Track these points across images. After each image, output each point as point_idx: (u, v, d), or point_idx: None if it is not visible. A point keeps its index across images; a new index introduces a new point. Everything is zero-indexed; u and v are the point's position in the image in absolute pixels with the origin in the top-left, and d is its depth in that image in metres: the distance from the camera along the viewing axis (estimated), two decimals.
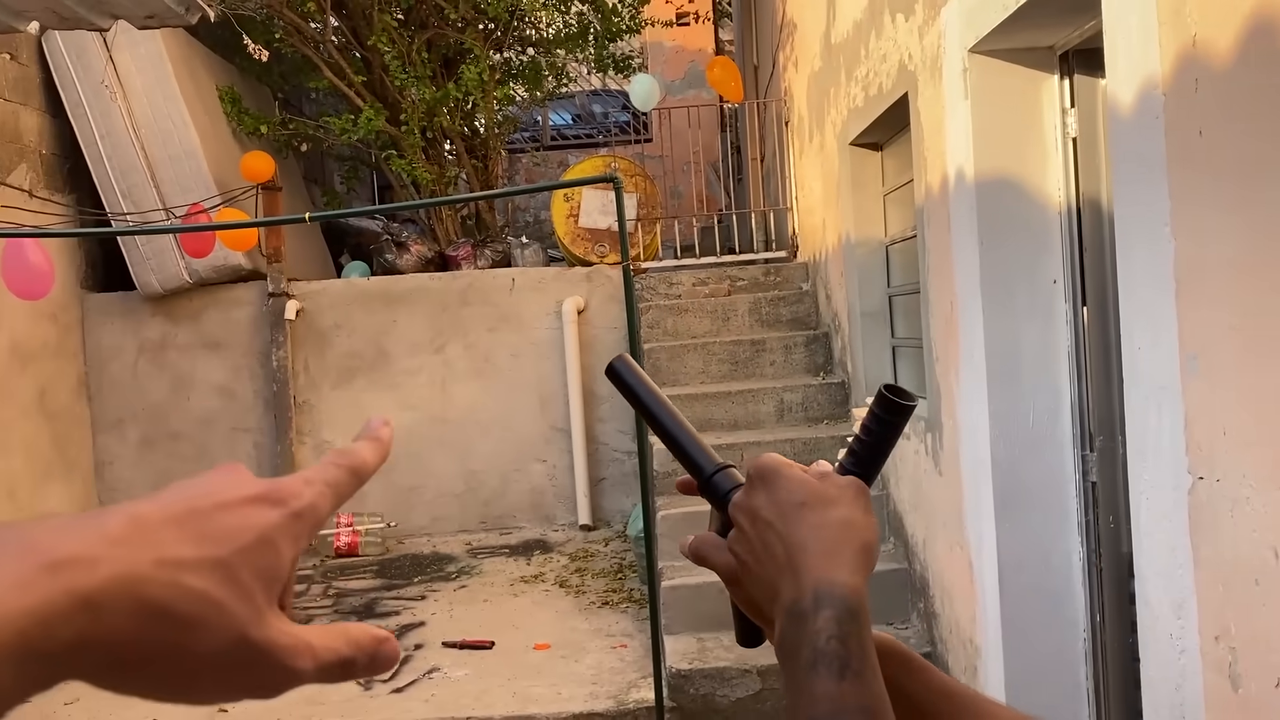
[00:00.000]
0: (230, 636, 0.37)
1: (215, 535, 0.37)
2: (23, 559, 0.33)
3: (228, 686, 0.38)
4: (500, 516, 7.26)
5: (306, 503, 0.41)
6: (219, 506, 0.38)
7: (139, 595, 0.34)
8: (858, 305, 5.32)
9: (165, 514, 0.37)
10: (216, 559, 0.37)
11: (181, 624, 0.35)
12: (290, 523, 0.40)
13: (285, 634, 0.39)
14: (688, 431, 0.72)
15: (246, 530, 0.38)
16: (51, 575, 0.33)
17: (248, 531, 0.38)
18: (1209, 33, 1.78)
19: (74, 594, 0.33)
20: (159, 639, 0.35)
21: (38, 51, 6.69)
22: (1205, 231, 1.86)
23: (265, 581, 0.39)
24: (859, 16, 4.71)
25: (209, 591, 0.36)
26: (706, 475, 0.71)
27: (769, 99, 8.16)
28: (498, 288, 7.24)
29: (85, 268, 7.17)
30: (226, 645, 0.37)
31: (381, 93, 7.90)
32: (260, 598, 0.38)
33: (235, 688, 0.39)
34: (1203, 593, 1.97)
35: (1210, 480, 1.90)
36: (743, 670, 4.32)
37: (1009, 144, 3.21)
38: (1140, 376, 2.15)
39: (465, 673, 4.73)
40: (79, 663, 0.34)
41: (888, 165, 5.14)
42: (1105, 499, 3.09)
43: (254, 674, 0.38)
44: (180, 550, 0.36)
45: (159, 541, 0.36)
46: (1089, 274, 3.08)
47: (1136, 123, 2.08)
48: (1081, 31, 2.92)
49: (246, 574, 0.38)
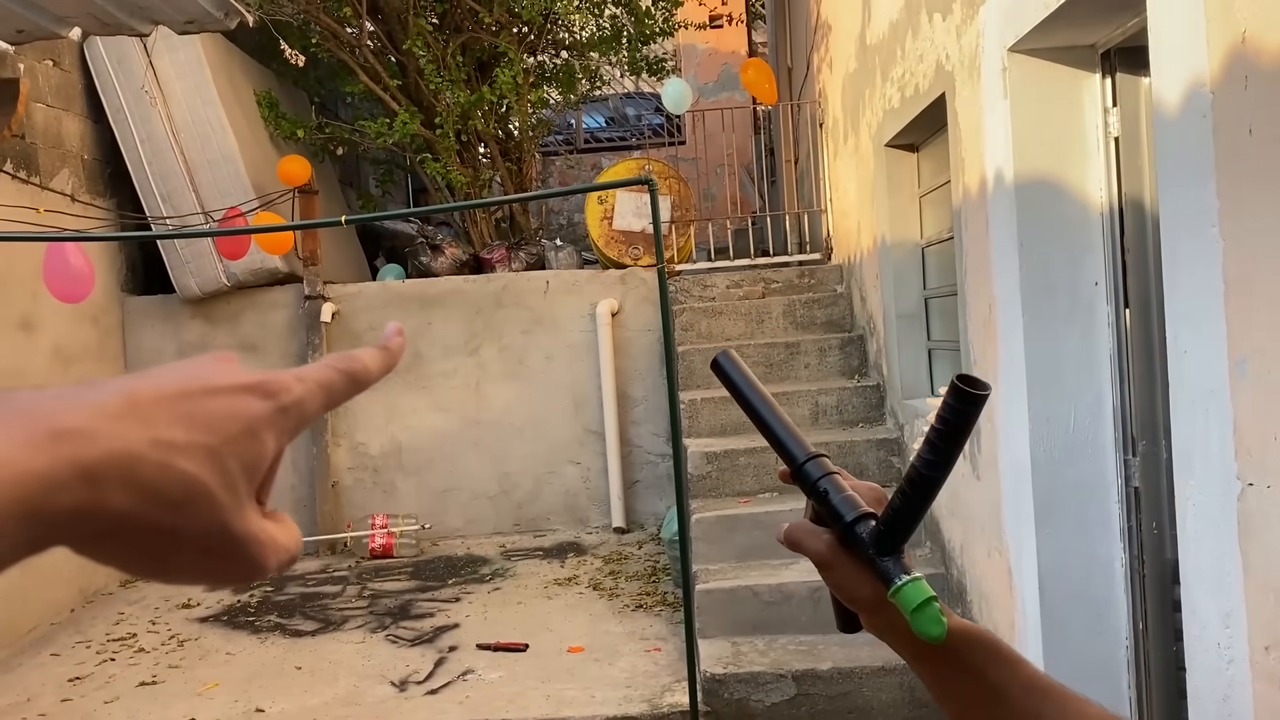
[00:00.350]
0: (212, 523, 0.37)
1: (205, 421, 0.37)
2: (29, 424, 0.34)
3: (200, 570, 0.39)
4: (534, 519, 7.27)
5: (294, 398, 0.41)
6: (209, 392, 0.38)
7: (134, 472, 0.35)
8: (893, 308, 5.27)
9: (158, 394, 0.37)
10: (206, 445, 0.37)
11: (170, 505, 0.36)
12: (277, 416, 0.40)
13: (260, 528, 0.39)
14: (783, 422, 0.76)
15: (235, 419, 0.38)
16: (55, 443, 0.33)
17: (236, 421, 0.38)
18: (1260, 29, 1.74)
19: (75, 464, 0.34)
20: (147, 516, 0.36)
21: (79, 58, 6.79)
22: (1255, 232, 1.81)
23: (249, 472, 0.39)
24: (895, 17, 4.67)
25: (199, 476, 0.36)
26: (799, 463, 0.74)
27: (803, 101, 8.12)
28: (532, 290, 7.26)
29: (125, 271, 7.26)
30: (208, 531, 0.37)
31: (416, 96, 7.95)
32: (243, 488, 0.38)
33: (207, 573, 0.39)
34: (1252, 601, 1.92)
35: (1260, 486, 1.85)
36: (778, 675, 4.29)
37: (1049, 144, 3.17)
38: (1187, 380, 2.11)
39: (499, 675, 4.73)
40: (72, 530, 0.35)
41: (924, 167, 5.09)
42: (1149, 505, 3.04)
43: (226, 562, 0.39)
44: (173, 432, 0.36)
45: (153, 420, 0.36)
46: (1131, 276, 3.03)
47: (1183, 121, 2.04)
48: (1124, 29, 2.87)
49: (233, 463, 0.38)
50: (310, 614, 5.81)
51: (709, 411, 5.89)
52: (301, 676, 4.88)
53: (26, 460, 0.33)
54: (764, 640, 4.59)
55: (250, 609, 5.98)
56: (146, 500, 0.35)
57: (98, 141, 6.96)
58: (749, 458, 5.44)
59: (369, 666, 4.94)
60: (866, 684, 4.27)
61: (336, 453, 7.21)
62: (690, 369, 6.24)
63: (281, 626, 5.63)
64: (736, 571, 4.89)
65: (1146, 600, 3.06)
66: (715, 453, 5.46)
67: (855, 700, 4.27)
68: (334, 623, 5.62)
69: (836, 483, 0.72)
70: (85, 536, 0.35)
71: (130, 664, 5.19)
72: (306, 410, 0.42)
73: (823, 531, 0.72)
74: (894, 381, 5.41)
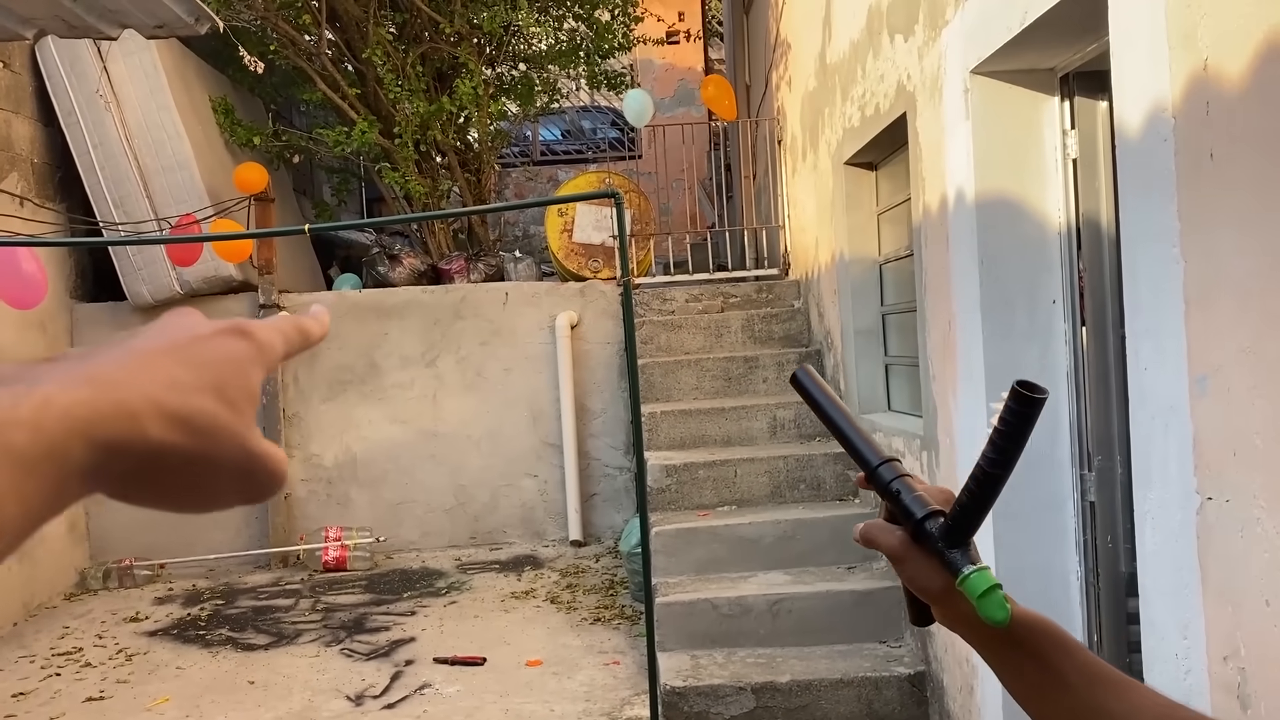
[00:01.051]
0: (234, 444, 0.42)
1: (203, 363, 0.42)
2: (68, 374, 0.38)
3: (237, 490, 0.43)
4: (490, 532, 7.23)
5: (265, 338, 0.46)
6: (195, 340, 0.43)
7: (162, 408, 0.39)
8: (851, 323, 5.33)
9: (157, 349, 0.42)
10: (210, 381, 0.42)
11: (198, 432, 0.40)
12: (256, 352, 0.45)
13: (269, 446, 0.44)
14: (858, 430, 0.82)
15: (226, 358, 0.43)
16: (94, 386, 0.38)
17: (227, 359, 0.43)
18: (1222, 56, 1.80)
19: (115, 401, 0.38)
20: (185, 446, 0.40)
21: (30, 60, 6.67)
22: (1215, 253, 1.87)
23: (247, 400, 0.43)
24: (856, 37, 4.74)
25: (213, 408, 0.41)
26: (873, 467, 0.79)
27: (761, 118, 8.20)
28: (491, 302, 7.24)
29: (75, 277, 7.13)
30: (233, 452, 0.42)
31: (375, 105, 7.91)
32: (247, 414, 0.43)
33: (242, 491, 0.44)
34: (1210, 613, 1.98)
35: (1220, 500, 1.91)
36: (737, 688, 4.31)
37: (1009, 165, 3.24)
38: (1147, 396, 2.16)
39: (457, 689, 4.70)
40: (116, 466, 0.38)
41: (882, 185, 5.17)
42: (1104, 519, 3.11)
43: (254, 479, 0.43)
44: (182, 375, 0.41)
45: (162, 368, 0.41)
46: (1088, 295, 3.11)
47: (1144, 145, 2.10)
48: (1083, 54, 2.95)
49: (234, 393, 0.43)
50: (263, 628, 5.72)
51: (668, 425, 5.91)
52: (255, 691, 4.80)
53: (77, 396, 0.37)
54: (723, 653, 4.61)
55: (200, 622, 5.87)
56: (180, 430, 0.40)
57: (48, 145, 6.83)
58: (708, 471, 5.47)
59: (324, 681, 4.88)
60: (825, 696, 4.31)
61: (290, 464, 7.12)
62: (650, 382, 6.25)
63: (233, 640, 5.54)
64: (695, 584, 4.90)
65: (1102, 612, 3.12)
66: (675, 466, 5.47)
67: (814, 712, 4.30)
68: (287, 636, 5.54)
69: (908, 484, 0.77)
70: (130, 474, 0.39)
71: (76, 679, 5.08)
72: (275, 350, 0.47)
73: (895, 529, 0.77)
74: (851, 396, 5.47)
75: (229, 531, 7.03)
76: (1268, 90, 1.69)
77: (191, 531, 6.96)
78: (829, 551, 5.05)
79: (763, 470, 5.48)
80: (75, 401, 0.37)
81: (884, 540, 0.78)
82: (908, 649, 4.54)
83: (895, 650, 4.56)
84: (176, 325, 0.45)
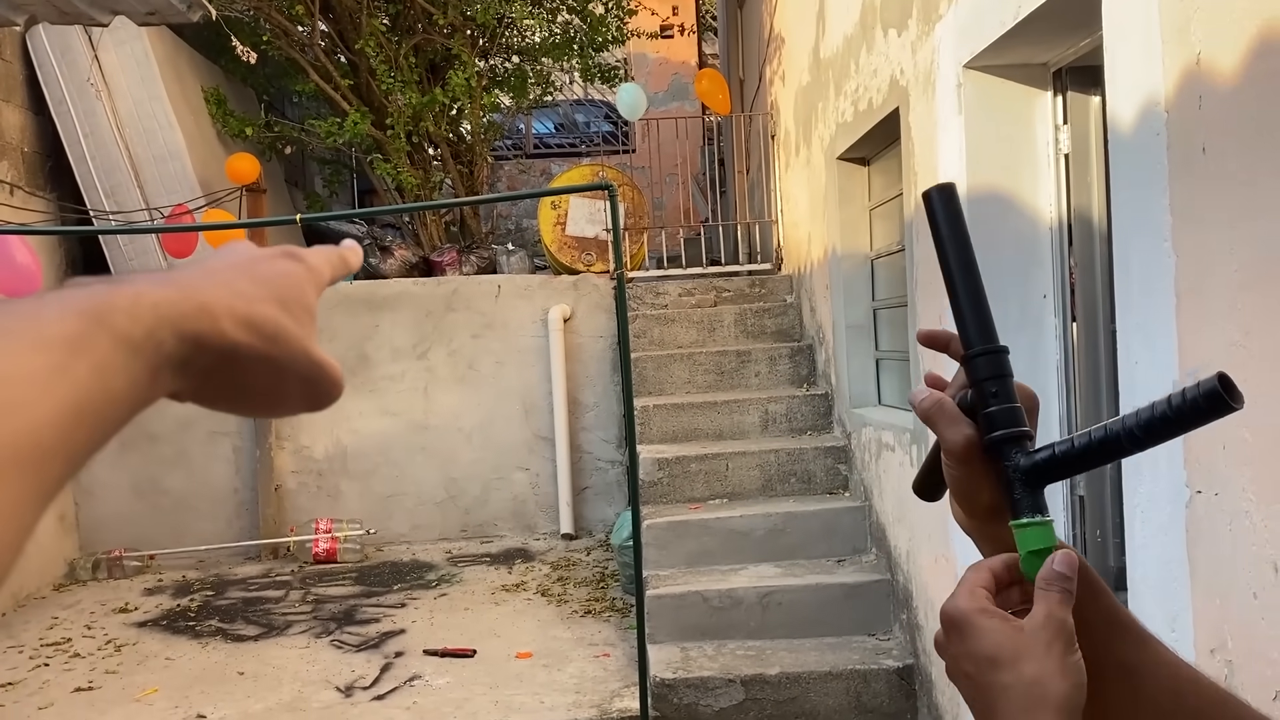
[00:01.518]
0: (298, 350, 0.45)
1: (265, 279, 0.46)
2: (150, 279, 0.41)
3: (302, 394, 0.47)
4: (481, 525, 7.22)
5: (315, 261, 0.50)
6: (255, 260, 0.48)
7: (235, 311, 0.43)
8: (843, 318, 5.34)
9: (224, 265, 0.46)
10: (273, 295, 0.45)
11: (267, 337, 0.44)
12: (309, 272, 0.49)
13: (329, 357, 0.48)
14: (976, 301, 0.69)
15: (283, 275, 0.47)
16: (176, 288, 0.41)
17: (285, 276, 0.47)
18: (1215, 51, 1.80)
19: (196, 301, 0.41)
20: (256, 348, 0.43)
21: (21, 48, 6.63)
22: (1207, 247, 1.88)
23: (306, 314, 0.47)
24: (850, 31, 4.74)
25: (278, 316, 0.45)
26: (971, 355, 0.68)
27: (755, 112, 8.20)
28: (483, 294, 7.22)
29: (65, 267, 7.09)
30: (297, 358, 0.45)
31: (367, 97, 7.88)
32: (308, 326, 0.47)
33: (306, 396, 0.47)
34: (1198, 605, 1.99)
35: (1209, 494, 1.91)
36: (727, 680, 4.32)
37: (1001, 159, 3.24)
38: (1138, 390, 2.17)
39: (446, 681, 4.70)
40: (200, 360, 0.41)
41: (875, 180, 5.17)
42: (1093, 513, 3.12)
43: (318, 384, 0.47)
44: (248, 287, 0.45)
45: (231, 282, 0.44)
46: (1079, 289, 3.11)
47: (1137, 139, 2.11)
48: (1076, 49, 2.95)
49: (294, 307, 0.46)
50: (253, 619, 5.71)
51: (660, 418, 5.91)
52: (244, 682, 4.80)
53: (165, 294, 0.40)
54: (713, 645, 4.62)
55: (190, 613, 5.86)
56: (251, 333, 0.43)
57: (39, 134, 6.79)
58: (700, 464, 5.47)
59: (314, 672, 4.87)
60: (814, 689, 4.32)
61: (280, 456, 7.11)
62: (642, 376, 6.26)
63: (223, 631, 5.53)
64: (686, 577, 4.91)
65: None
66: (667, 459, 5.48)
67: (803, 705, 4.32)
68: (277, 628, 5.53)
69: (1007, 387, 0.66)
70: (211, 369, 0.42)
71: (65, 669, 5.07)
72: (324, 273, 0.51)
73: (966, 424, 0.67)
74: (842, 390, 5.48)
75: (219, 523, 7.02)
76: (1261, 84, 1.70)
77: (181, 523, 6.94)
78: (819, 545, 5.06)
79: (754, 464, 5.49)
80: (163, 298, 0.40)
81: (947, 431, 0.67)
82: (896, 642, 4.55)
83: (884, 643, 4.58)
84: (236, 250, 0.49)
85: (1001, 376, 0.66)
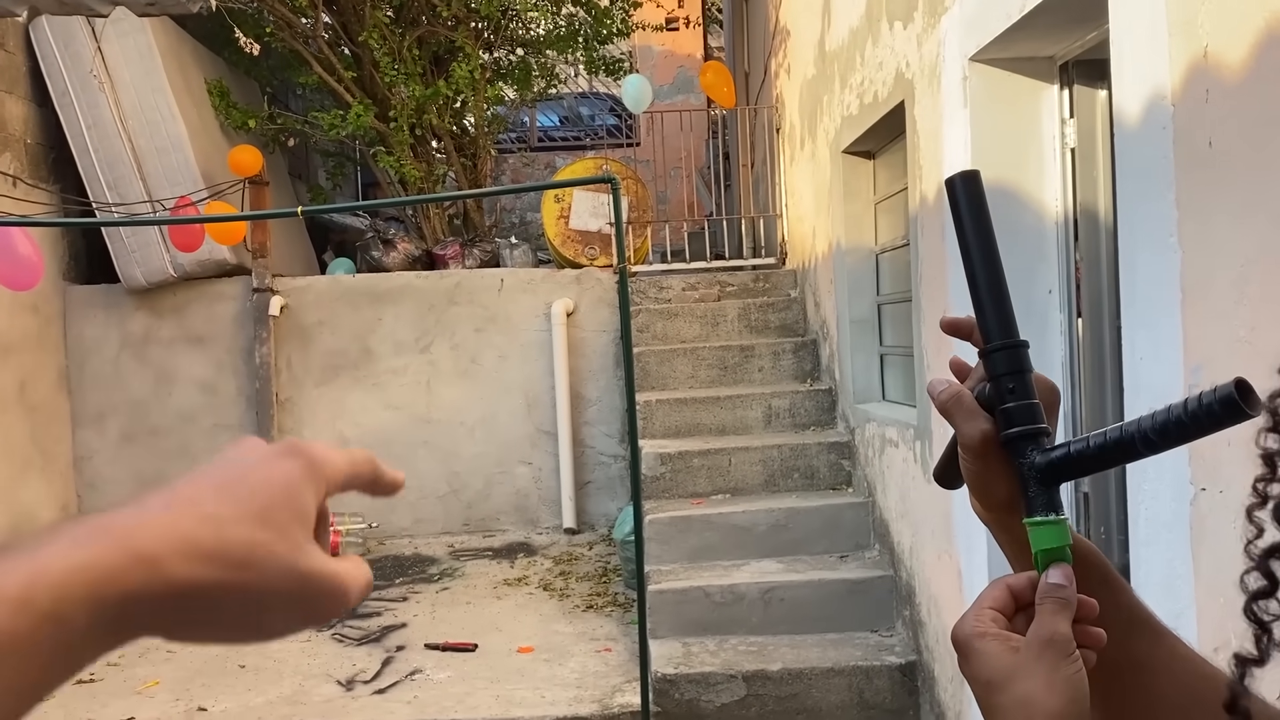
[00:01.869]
0: (281, 569, 0.42)
1: (248, 494, 0.43)
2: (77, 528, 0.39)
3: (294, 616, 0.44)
4: (483, 519, 7.22)
5: (320, 455, 0.47)
6: (248, 470, 0.44)
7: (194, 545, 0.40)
8: (847, 313, 5.32)
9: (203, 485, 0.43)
10: (253, 511, 0.42)
11: (237, 564, 0.41)
12: (308, 469, 0.46)
13: (327, 562, 0.45)
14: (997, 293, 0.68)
15: (273, 483, 0.44)
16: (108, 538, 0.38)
17: (274, 484, 0.44)
18: (1221, 44, 1.78)
19: (129, 551, 0.38)
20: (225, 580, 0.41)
21: (24, 40, 6.62)
22: (1213, 243, 1.86)
23: (299, 520, 0.44)
24: (855, 24, 4.71)
25: (252, 536, 0.42)
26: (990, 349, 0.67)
27: (760, 106, 8.17)
28: (486, 288, 7.21)
29: (68, 259, 7.09)
30: (282, 577, 0.42)
31: (371, 89, 7.86)
32: (298, 534, 0.44)
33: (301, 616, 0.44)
34: (1202, 604, 1.97)
35: (1213, 491, 1.89)
36: (728, 676, 4.31)
37: (1007, 153, 3.22)
38: (1142, 386, 2.15)
39: (448, 675, 4.69)
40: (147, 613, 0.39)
41: (880, 174, 5.14)
42: (1097, 510, 3.10)
43: (312, 602, 0.44)
44: (220, 509, 0.42)
45: (201, 503, 0.42)
46: (1085, 285, 3.09)
47: (1143, 133, 2.08)
48: (1083, 42, 2.92)
49: (281, 516, 0.43)
50: None
51: (663, 413, 5.90)
52: (245, 675, 4.80)
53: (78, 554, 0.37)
54: (715, 641, 4.61)
55: None
56: (214, 565, 0.40)
57: (42, 126, 6.79)
58: (703, 459, 5.46)
59: (315, 665, 4.87)
60: (816, 685, 4.31)
61: None
62: (645, 370, 6.24)
63: None
64: (688, 572, 4.90)
65: None
66: (669, 454, 5.46)
67: (804, 701, 4.30)
68: None
69: (1025, 383, 0.65)
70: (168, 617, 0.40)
71: None
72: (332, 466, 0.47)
73: (984, 419, 0.66)
74: (846, 386, 5.46)
75: None
76: (1268, 77, 1.68)
77: None
78: (822, 540, 5.04)
79: (757, 459, 5.47)
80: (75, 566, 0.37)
81: (964, 424, 0.66)
82: (899, 638, 4.54)
83: (887, 640, 4.56)
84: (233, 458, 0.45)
85: (1020, 372, 0.66)
